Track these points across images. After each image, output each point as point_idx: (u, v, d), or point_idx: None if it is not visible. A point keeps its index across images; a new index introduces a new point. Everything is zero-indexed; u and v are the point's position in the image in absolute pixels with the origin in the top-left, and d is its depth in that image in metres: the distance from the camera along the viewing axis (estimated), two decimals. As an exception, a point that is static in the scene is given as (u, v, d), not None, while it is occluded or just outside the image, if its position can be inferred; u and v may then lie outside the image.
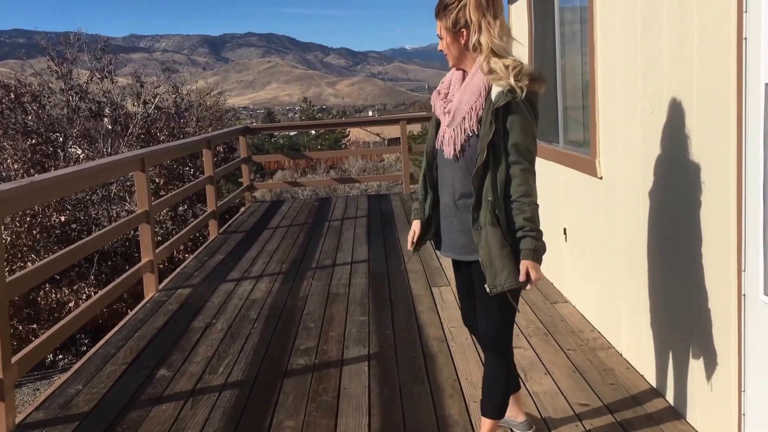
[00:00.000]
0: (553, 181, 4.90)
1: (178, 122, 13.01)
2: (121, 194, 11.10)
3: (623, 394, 3.15)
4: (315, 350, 3.95)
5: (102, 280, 10.13)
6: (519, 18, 5.69)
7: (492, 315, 2.44)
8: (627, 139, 3.47)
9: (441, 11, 2.37)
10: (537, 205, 2.37)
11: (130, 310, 5.14)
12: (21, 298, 9.01)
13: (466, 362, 3.64)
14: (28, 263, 9.31)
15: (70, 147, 11.93)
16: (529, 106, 2.30)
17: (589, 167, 4.03)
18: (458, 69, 2.46)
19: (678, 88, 2.83)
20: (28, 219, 9.52)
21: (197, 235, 10.48)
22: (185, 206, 11.90)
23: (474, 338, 3.20)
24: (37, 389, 10.81)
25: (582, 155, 4.21)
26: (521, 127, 2.29)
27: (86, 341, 10.66)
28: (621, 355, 3.60)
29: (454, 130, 2.37)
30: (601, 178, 3.87)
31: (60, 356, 11.21)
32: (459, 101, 2.37)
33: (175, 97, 13.70)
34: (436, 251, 2.78)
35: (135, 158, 5.27)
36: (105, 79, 12.86)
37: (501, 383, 2.52)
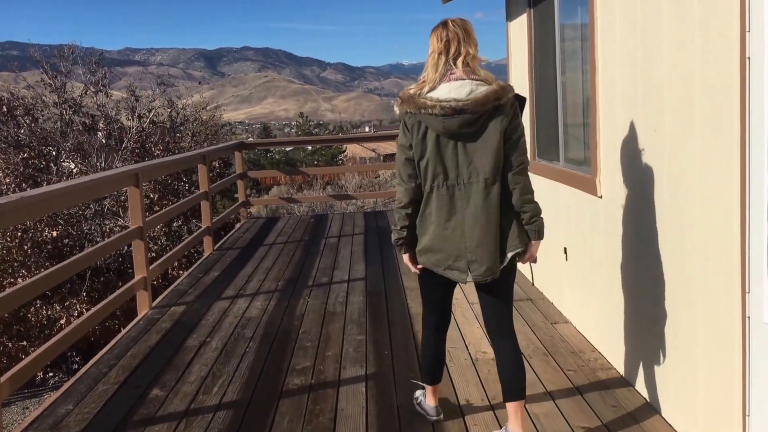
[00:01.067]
0: (553, 199, 4.91)
1: (173, 137, 13.03)
2: (114, 209, 11.08)
3: (624, 416, 3.14)
4: (311, 370, 3.93)
5: (94, 297, 10.08)
6: (518, 35, 5.74)
7: (510, 307, 2.92)
8: (628, 157, 3.49)
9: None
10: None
11: (123, 328, 5.12)
12: (10, 314, 8.95)
13: (465, 384, 3.62)
14: (19, 279, 9.26)
15: (63, 161, 11.92)
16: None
17: (589, 186, 4.04)
18: None
19: (680, 107, 2.85)
20: (20, 234, 9.48)
21: (192, 251, 10.45)
22: (180, 222, 11.88)
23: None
24: (27, 407, 10.72)
25: (582, 174, 4.23)
26: None
27: (77, 359, 10.59)
28: (622, 376, 3.58)
29: None
30: (601, 197, 3.88)
31: (50, 374, 11.13)
32: None
33: (171, 112, 13.73)
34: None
35: (129, 173, 5.26)
36: (99, 93, 12.88)
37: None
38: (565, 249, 4.58)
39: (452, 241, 2.73)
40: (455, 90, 2.62)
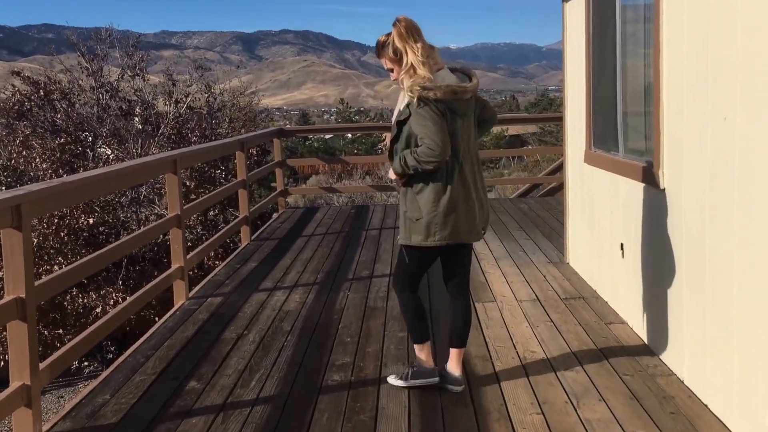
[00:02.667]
0: (609, 192, 4.84)
1: (211, 123, 13.25)
2: (150, 197, 11.34)
3: (685, 425, 3.09)
4: (351, 366, 3.97)
5: (130, 286, 10.36)
6: (575, 17, 5.65)
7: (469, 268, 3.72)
8: (694, 147, 3.41)
9: (381, 50, 3.39)
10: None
11: (158, 318, 5.24)
12: (47, 302, 9.25)
13: (513, 385, 3.62)
14: (55, 266, 9.58)
15: (100, 147, 12.25)
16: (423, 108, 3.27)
17: (650, 178, 3.97)
18: None
19: (754, 93, 2.77)
20: (56, 221, 9.79)
21: (228, 241, 10.63)
22: (216, 211, 12.09)
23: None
24: (62, 396, 11.10)
25: (643, 165, 4.15)
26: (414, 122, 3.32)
27: (112, 348, 10.91)
28: (683, 382, 3.53)
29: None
30: (663, 189, 3.81)
31: (85, 363, 11.50)
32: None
33: (208, 97, 13.95)
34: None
35: (167, 160, 5.39)
36: (136, 77, 13.17)
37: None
38: (621, 245, 4.51)
39: (474, 209, 3.44)
40: (459, 77, 3.39)
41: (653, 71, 3.91)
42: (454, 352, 3.61)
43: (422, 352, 3.63)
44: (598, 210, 5.16)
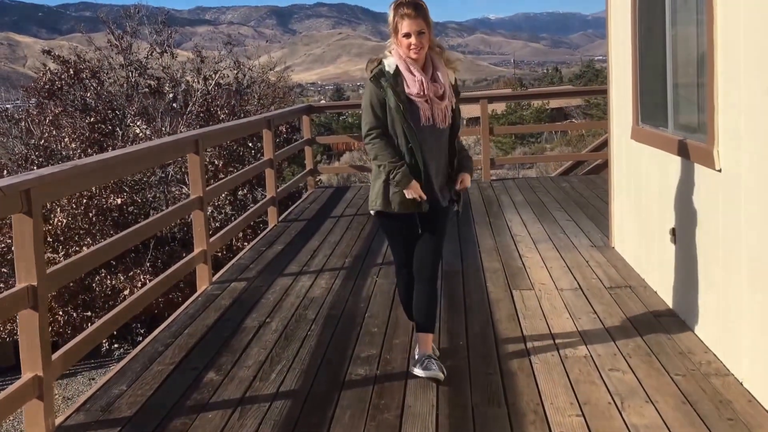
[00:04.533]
0: (658, 172, 4.56)
1: (239, 100, 13.16)
2: (179, 176, 11.32)
3: (744, 432, 2.85)
4: (377, 359, 3.81)
5: (159, 267, 10.38)
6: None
7: (440, 246, 3.62)
8: (755, 123, 3.13)
9: (420, 10, 3.32)
10: None
11: (186, 300, 5.16)
12: (76, 283, 9.33)
13: (551, 383, 3.41)
14: (84, 247, 9.64)
15: (129, 125, 12.26)
16: None
17: (705, 157, 3.68)
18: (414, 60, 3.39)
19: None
20: (85, 201, 9.83)
21: (257, 221, 10.55)
22: (245, 190, 12.04)
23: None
24: (93, 378, 11.28)
25: (696, 142, 3.86)
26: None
27: (142, 331, 11.01)
28: (741, 384, 3.27)
29: (443, 105, 3.38)
30: (720, 170, 3.52)
31: (116, 345, 11.65)
32: (442, 85, 3.40)
33: (237, 73, 13.85)
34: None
35: (188, 140, 5.27)
36: (165, 54, 13.13)
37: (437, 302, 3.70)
38: (672, 230, 4.23)
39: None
40: None
41: (707, 42, 3.62)
42: (423, 335, 3.64)
43: (421, 341, 3.66)
44: (646, 191, 4.87)
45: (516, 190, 8.84)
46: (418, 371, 3.49)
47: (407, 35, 3.31)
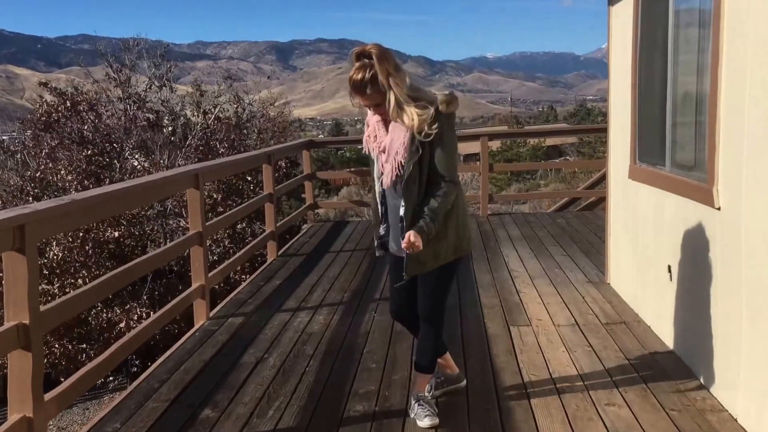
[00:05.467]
0: (656, 209, 4.61)
1: (239, 134, 13.25)
2: (177, 210, 11.35)
3: (742, 471, 2.85)
4: (376, 395, 3.80)
5: (156, 300, 10.35)
6: (622, 21, 5.41)
7: (431, 300, 3.48)
8: (757, 163, 3.17)
9: (363, 86, 3.10)
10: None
11: (184, 333, 5.14)
12: (72, 317, 9.29)
13: (549, 419, 3.41)
14: (79, 280, 9.61)
15: (127, 157, 12.31)
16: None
17: (704, 195, 3.72)
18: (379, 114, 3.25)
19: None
20: (81, 234, 9.84)
21: (255, 255, 10.56)
22: (243, 224, 12.06)
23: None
24: (87, 409, 11.16)
25: (694, 181, 3.91)
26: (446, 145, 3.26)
27: (137, 362, 10.91)
28: (736, 420, 3.28)
29: (387, 163, 3.26)
30: (719, 209, 3.56)
31: (110, 378, 11.55)
32: (387, 140, 3.26)
33: (237, 107, 13.97)
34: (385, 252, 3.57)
35: (188, 174, 5.30)
36: (164, 87, 13.26)
37: (434, 344, 3.57)
38: (669, 267, 4.27)
39: None
40: None
41: (710, 80, 3.67)
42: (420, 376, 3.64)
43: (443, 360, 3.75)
44: (643, 228, 4.92)
45: (512, 225, 8.89)
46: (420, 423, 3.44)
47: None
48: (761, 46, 3.14)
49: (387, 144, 3.25)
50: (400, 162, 3.19)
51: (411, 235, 3.13)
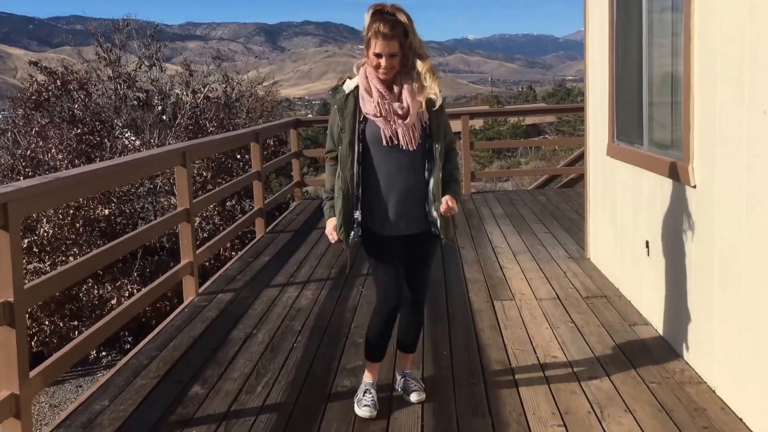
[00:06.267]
0: (634, 187, 4.54)
1: (228, 113, 13.01)
2: (167, 187, 11.15)
3: (720, 442, 2.81)
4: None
5: (147, 277, 10.18)
6: (598, 5, 5.31)
7: (427, 282, 3.26)
8: (730, 142, 3.11)
9: (397, 29, 2.86)
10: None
11: (175, 310, 5.04)
12: (62, 293, 9.12)
13: (533, 393, 3.35)
14: (71, 258, 9.43)
15: (117, 137, 12.06)
16: None
17: (680, 173, 3.66)
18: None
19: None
20: (72, 211, 9.63)
21: (244, 231, 10.42)
22: (233, 201, 11.89)
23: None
24: (80, 386, 11.02)
25: (671, 159, 3.84)
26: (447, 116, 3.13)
27: (130, 339, 10.77)
28: (714, 391, 3.24)
29: (408, 125, 2.95)
30: (694, 186, 3.50)
31: (104, 353, 11.40)
32: (408, 102, 2.95)
33: (225, 87, 13.71)
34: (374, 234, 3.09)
35: (176, 152, 5.16)
36: (153, 67, 12.97)
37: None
38: (647, 243, 4.21)
39: None
40: None
41: (683, 62, 3.61)
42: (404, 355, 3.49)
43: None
44: (621, 205, 4.85)
45: (495, 203, 8.81)
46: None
47: (378, 55, 2.90)
48: (729, 29, 3.06)
49: (408, 104, 2.94)
50: (425, 123, 2.97)
51: (449, 199, 2.95)
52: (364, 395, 3.23)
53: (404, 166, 3.00)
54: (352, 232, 3.03)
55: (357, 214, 3.03)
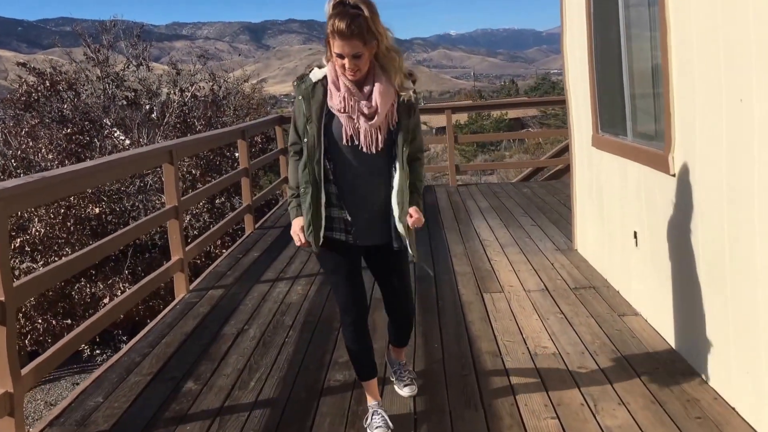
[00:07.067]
0: (620, 178, 4.50)
1: (215, 111, 12.87)
2: (157, 185, 11.02)
3: (713, 431, 2.76)
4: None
5: (138, 275, 10.05)
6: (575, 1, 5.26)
7: (410, 291, 3.00)
8: (708, 131, 3.07)
9: (356, 26, 2.46)
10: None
11: (164, 308, 4.95)
12: (54, 292, 8.99)
13: (524, 384, 3.30)
14: (63, 257, 9.29)
15: (107, 135, 11.90)
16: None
17: (661, 163, 3.62)
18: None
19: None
20: (62, 210, 9.49)
21: (234, 228, 10.31)
22: (222, 198, 11.77)
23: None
24: (76, 383, 10.89)
25: (653, 149, 3.80)
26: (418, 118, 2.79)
27: (124, 338, 10.64)
28: (706, 382, 3.19)
29: (373, 127, 2.62)
30: (674, 175, 3.46)
31: (97, 351, 11.27)
32: (378, 102, 2.62)
33: (212, 85, 13.57)
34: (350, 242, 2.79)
35: (163, 150, 5.07)
36: (141, 67, 12.81)
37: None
38: (635, 233, 4.17)
39: None
40: None
41: (661, 54, 3.57)
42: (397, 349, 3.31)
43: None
44: (608, 196, 4.81)
45: (481, 196, 8.76)
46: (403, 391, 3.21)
47: (340, 56, 2.53)
48: (704, 21, 3.03)
49: (377, 104, 2.61)
50: (393, 126, 2.64)
51: (415, 211, 2.66)
52: (372, 418, 2.92)
53: (367, 169, 2.67)
54: (321, 233, 2.70)
55: (329, 212, 2.71)
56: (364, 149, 2.64)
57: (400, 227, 2.70)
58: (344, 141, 2.64)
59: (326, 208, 2.70)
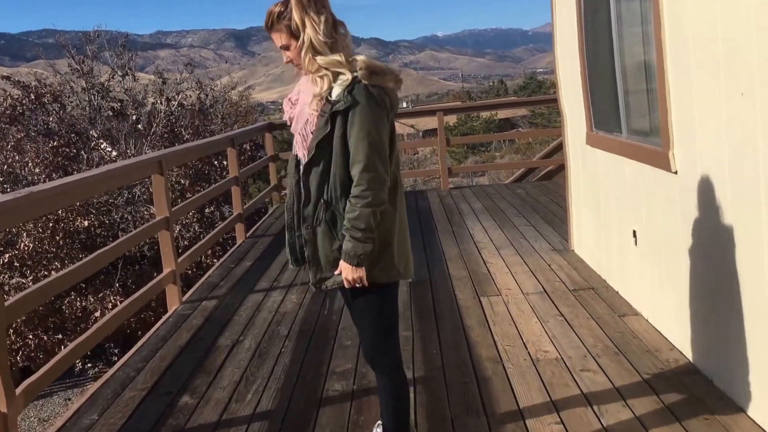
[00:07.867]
0: (616, 176, 4.48)
1: (203, 120, 12.80)
2: (145, 197, 10.94)
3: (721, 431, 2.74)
4: (353, 373, 3.62)
5: (129, 287, 9.97)
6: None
7: (369, 335, 2.48)
8: (709, 127, 3.05)
9: (275, 22, 2.31)
10: (373, 207, 2.24)
11: (159, 320, 4.89)
12: (45, 306, 8.89)
13: (526, 388, 3.27)
14: (53, 272, 9.19)
15: (94, 147, 11.80)
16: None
17: (661, 160, 3.60)
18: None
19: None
20: (51, 224, 9.39)
21: (225, 237, 10.25)
22: (212, 208, 11.70)
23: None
24: (69, 399, 10.77)
25: (651, 146, 3.79)
26: (359, 125, 2.23)
27: (116, 351, 10.55)
28: (711, 381, 3.17)
29: (299, 134, 2.36)
30: (675, 172, 3.44)
31: (89, 364, 11.16)
32: (302, 104, 2.38)
33: (199, 94, 13.50)
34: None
35: (152, 161, 5.01)
36: (126, 77, 12.72)
37: (396, 400, 2.53)
38: (634, 232, 4.15)
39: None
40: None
41: (655, 48, 3.54)
42: None
43: None
44: (605, 194, 4.80)
45: (474, 198, 8.75)
46: None
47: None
48: (699, 6, 3.01)
49: (297, 110, 2.39)
50: (309, 134, 2.31)
51: (343, 269, 2.28)
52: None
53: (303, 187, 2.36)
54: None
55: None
56: (301, 159, 2.39)
57: (322, 263, 2.39)
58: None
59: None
